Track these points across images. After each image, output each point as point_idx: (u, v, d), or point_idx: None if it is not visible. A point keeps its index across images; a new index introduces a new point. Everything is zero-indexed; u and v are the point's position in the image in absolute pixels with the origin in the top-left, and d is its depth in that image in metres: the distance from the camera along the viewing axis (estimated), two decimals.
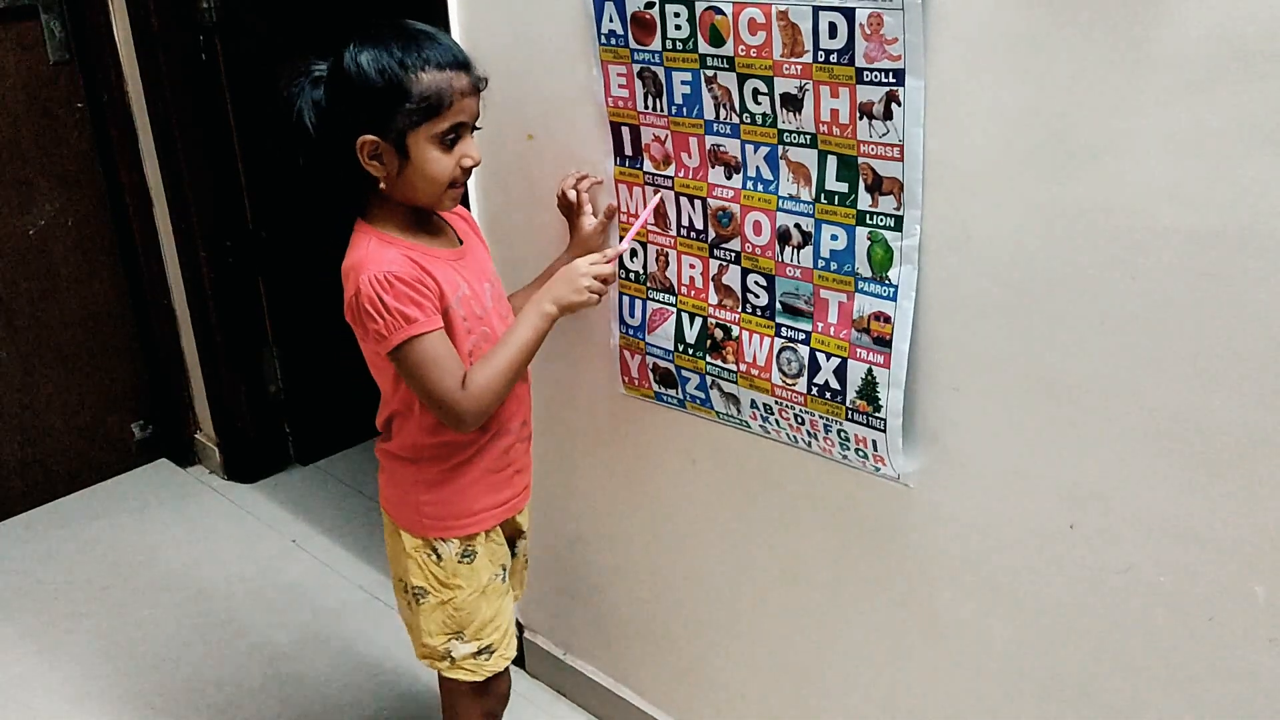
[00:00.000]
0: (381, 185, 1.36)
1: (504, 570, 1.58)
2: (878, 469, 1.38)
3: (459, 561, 1.51)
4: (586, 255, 1.48)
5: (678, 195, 1.47)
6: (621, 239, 1.53)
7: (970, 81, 1.14)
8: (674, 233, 1.50)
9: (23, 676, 2.21)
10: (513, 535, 1.63)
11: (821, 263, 1.33)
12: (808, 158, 1.30)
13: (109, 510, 2.77)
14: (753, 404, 1.48)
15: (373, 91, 1.31)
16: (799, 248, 1.35)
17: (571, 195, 1.56)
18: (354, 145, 1.33)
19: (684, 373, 1.55)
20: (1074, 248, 1.13)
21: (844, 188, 1.28)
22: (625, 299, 1.60)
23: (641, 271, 1.56)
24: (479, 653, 1.57)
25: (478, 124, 1.39)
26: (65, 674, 2.21)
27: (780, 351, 1.41)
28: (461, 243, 1.47)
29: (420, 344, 1.34)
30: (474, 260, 1.47)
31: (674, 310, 1.54)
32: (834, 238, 1.31)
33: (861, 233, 1.28)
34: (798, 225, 1.34)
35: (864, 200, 1.26)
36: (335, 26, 2.74)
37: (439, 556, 1.51)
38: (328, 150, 1.36)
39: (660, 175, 1.48)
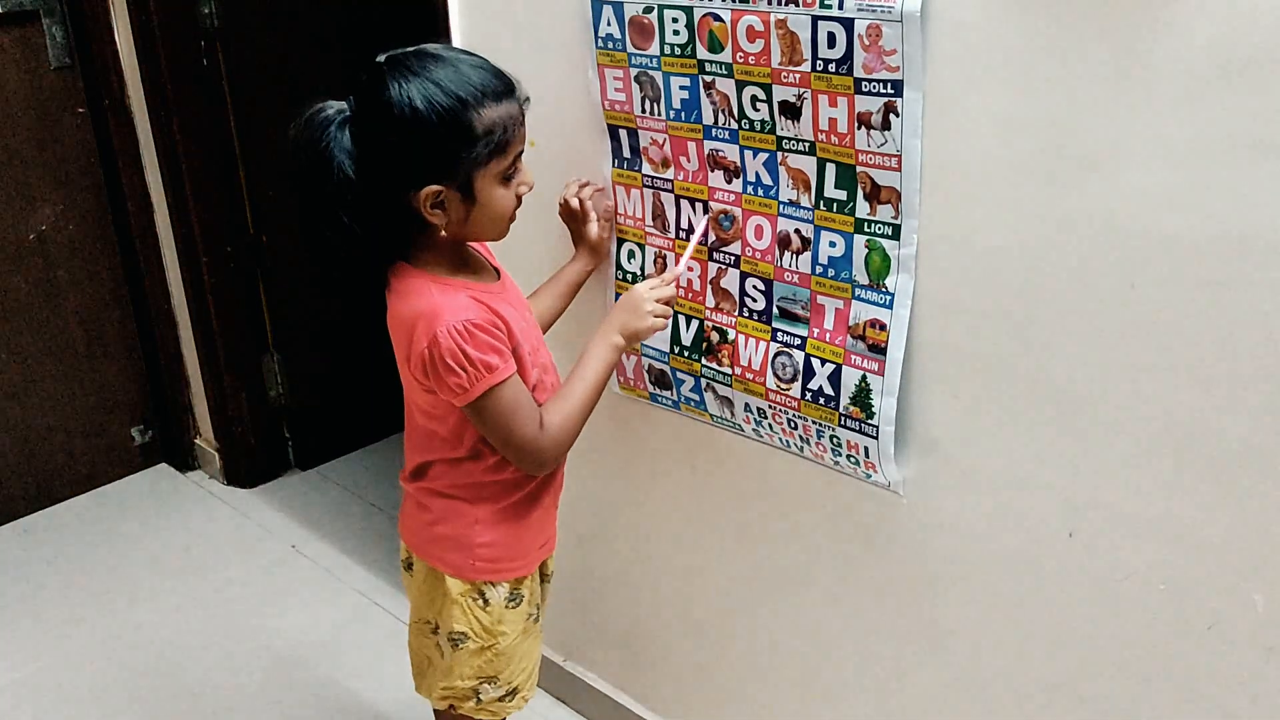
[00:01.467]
0: (443, 232, 1.27)
1: (537, 609, 1.52)
2: (869, 475, 1.38)
3: (506, 607, 1.44)
4: (645, 281, 1.42)
5: (677, 198, 1.47)
6: (677, 259, 1.48)
7: (968, 92, 1.14)
8: (672, 235, 1.50)
9: (22, 680, 2.20)
10: (543, 579, 1.56)
11: (820, 269, 1.33)
12: (807, 164, 1.30)
13: (108, 515, 2.77)
14: (746, 408, 1.47)
15: (433, 135, 1.18)
16: (798, 253, 1.35)
17: (574, 203, 1.54)
18: (409, 194, 1.21)
19: (679, 375, 1.55)
20: (1072, 256, 1.13)
21: (843, 195, 1.28)
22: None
23: (639, 273, 1.56)
24: (505, 695, 1.50)
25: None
26: (64, 678, 2.20)
27: (775, 356, 1.41)
28: (498, 272, 1.39)
29: (502, 391, 1.26)
30: (513, 289, 1.40)
31: (671, 313, 1.54)
32: (832, 244, 1.31)
33: (860, 240, 1.28)
34: (798, 231, 1.34)
35: (862, 208, 1.26)
36: (336, 32, 2.76)
37: (486, 602, 1.42)
38: (376, 203, 1.22)
39: (660, 178, 1.47)
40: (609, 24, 1.43)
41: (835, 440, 1.38)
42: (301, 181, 1.24)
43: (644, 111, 1.45)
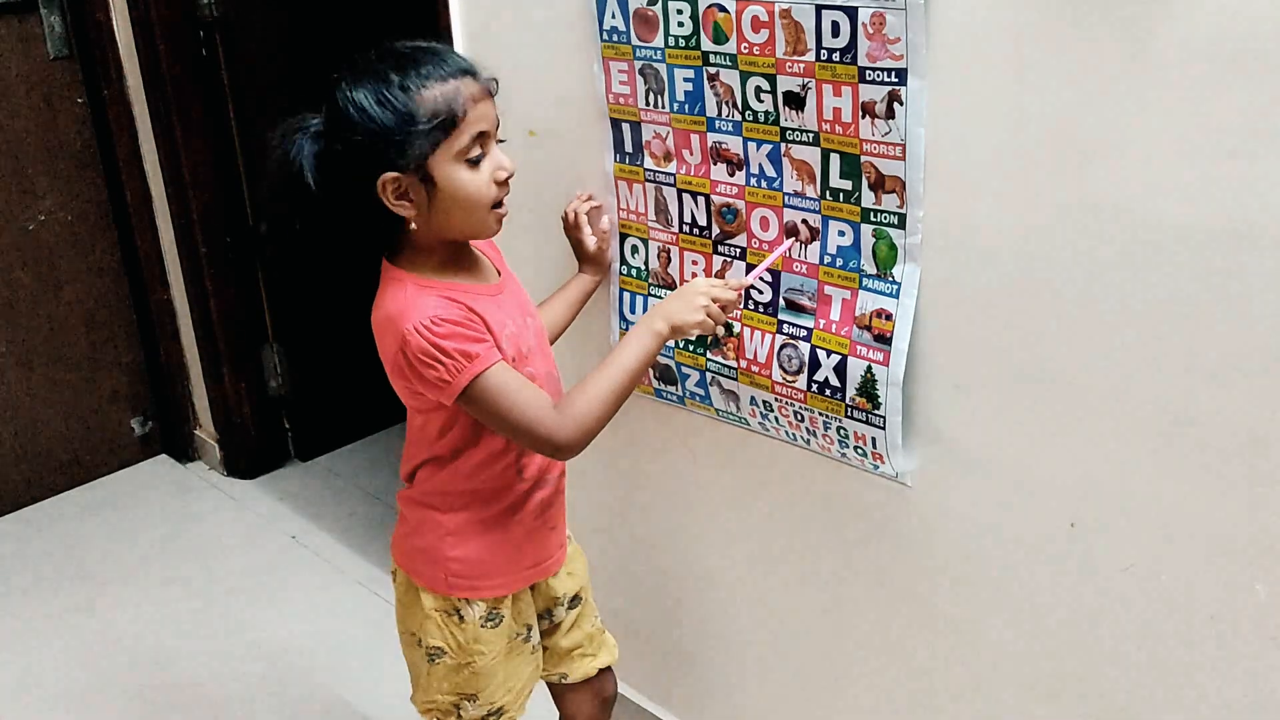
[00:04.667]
0: (413, 225, 1.24)
1: (529, 629, 1.47)
2: (876, 466, 1.38)
3: (482, 626, 1.40)
4: (709, 278, 1.37)
5: (680, 191, 1.47)
6: (749, 270, 1.43)
7: (973, 81, 1.14)
8: (676, 229, 1.50)
9: (22, 672, 2.21)
10: (548, 606, 1.51)
11: (828, 259, 1.33)
12: (811, 155, 1.30)
13: (108, 506, 2.77)
14: (752, 401, 1.48)
15: (379, 125, 1.18)
16: (806, 244, 1.35)
17: (572, 217, 1.55)
18: (374, 190, 1.20)
19: (684, 369, 1.55)
20: (1077, 246, 1.13)
21: (848, 185, 1.28)
22: (626, 295, 1.60)
23: (643, 268, 1.56)
24: (489, 715, 1.46)
25: (499, 136, 1.27)
26: (64, 668, 2.21)
27: (781, 348, 1.41)
28: (500, 275, 1.36)
29: (492, 376, 1.22)
30: (514, 294, 1.37)
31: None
32: (841, 234, 1.31)
33: (867, 229, 1.28)
34: (805, 221, 1.34)
35: (868, 198, 1.27)
36: (335, 22, 2.75)
37: (462, 618, 1.39)
38: (343, 202, 1.23)
39: (661, 172, 1.47)
40: (613, 16, 1.42)
41: (842, 431, 1.38)
42: (276, 192, 1.27)
43: (648, 104, 1.45)
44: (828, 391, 1.37)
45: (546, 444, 1.26)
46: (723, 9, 1.30)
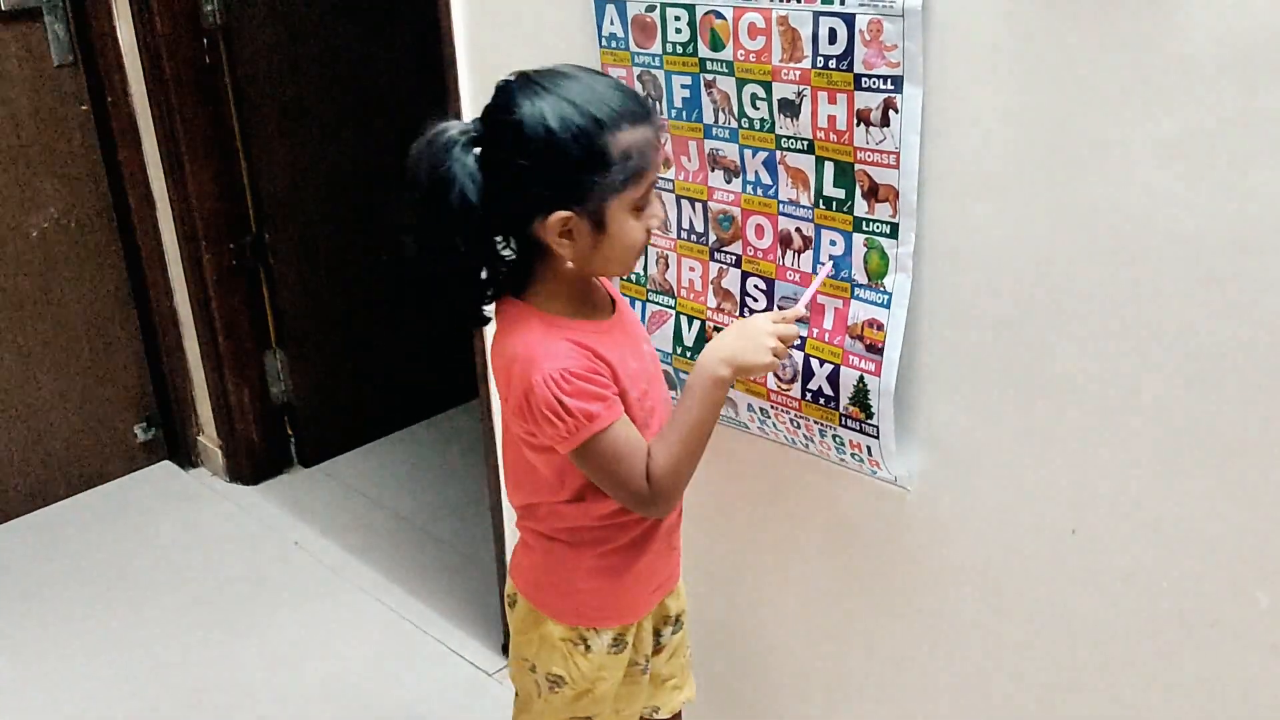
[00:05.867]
0: (570, 264, 1.17)
1: (646, 660, 1.43)
2: (874, 471, 1.38)
3: (608, 652, 1.35)
4: (769, 313, 1.31)
5: (678, 198, 1.46)
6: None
7: (969, 88, 1.14)
8: (674, 235, 1.49)
9: (24, 678, 2.21)
10: (658, 626, 1.45)
11: (820, 268, 1.33)
12: (805, 163, 1.30)
13: (111, 512, 2.77)
14: (749, 407, 1.47)
15: (566, 158, 1.09)
16: (799, 252, 1.35)
17: None
18: (537, 223, 1.13)
19: (682, 376, 1.55)
20: (1074, 253, 1.13)
21: (841, 194, 1.28)
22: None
23: (641, 274, 1.56)
24: None
25: None
26: (66, 676, 2.21)
27: None
28: (614, 302, 1.30)
29: (605, 438, 1.17)
30: (630, 321, 1.32)
31: (673, 313, 1.53)
32: (833, 243, 1.31)
33: (859, 239, 1.28)
34: (798, 230, 1.34)
35: (860, 207, 1.26)
36: (337, 29, 2.76)
37: (588, 648, 1.34)
38: (500, 230, 1.15)
39: (660, 178, 1.47)
40: (612, 23, 1.42)
41: (838, 439, 1.38)
42: (421, 207, 1.15)
43: None
44: (821, 400, 1.37)
45: (636, 507, 1.24)
46: (720, 15, 1.30)
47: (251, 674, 2.20)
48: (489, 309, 1.26)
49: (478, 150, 1.13)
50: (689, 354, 1.52)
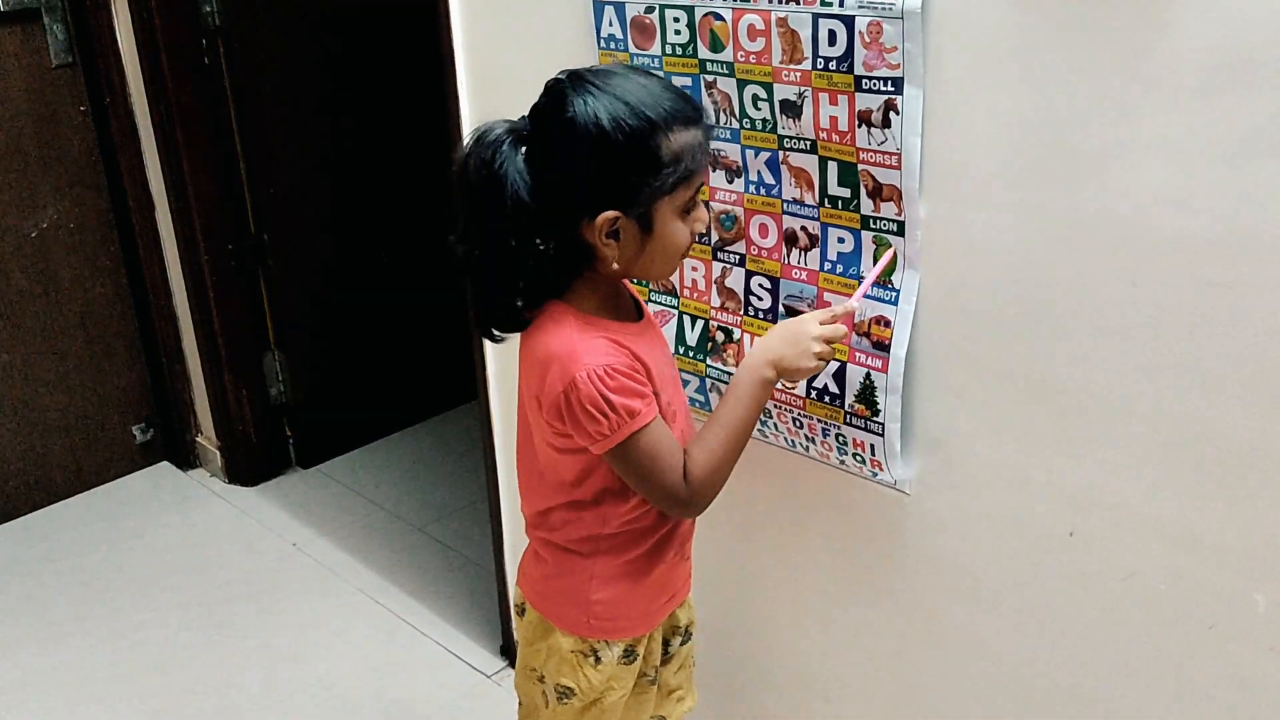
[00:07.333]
0: (615, 265, 1.14)
1: (655, 671, 1.41)
2: (875, 474, 1.38)
3: (619, 664, 1.33)
4: (815, 312, 1.27)
5: None
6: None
7: (969, 90, 1.14)
8: None
9: (24, 678, 2.21)
10: (668, 636, 1.43)
11: (828, 265, 1.33)
12: (808, 163, 1.30)
13: (110, 513, 2.77)
14: None
15: (618, 157, 1.08)
16: (806, 250, 1.35)
17: None
18: (586, 222, 1.11)
19: (684, 375, 1.55)
20: (1075, 255, 1.13)
21: (846, 193, 1.28)
22: None
23: None
24: None
25: None
26: (66, 676, 2.21)
27: None
28: (639, 305, 1.29)
29: (645, 436, 1.15)
30: (656, 325, 1.32)
31: (675, 312, 1.54)
32: (841, 240, 1.31)
33: (867, 236, 1.28)
34: (804, 228, 1.34)
35: (866, 205, 1.27)
36: (337, 29, 2.76)
37: (599, 659, 1.32)
38: (549, 229, 1.12)
39: None
40: (610, 24, 1.42)
41: (841, 439, 1.38)
42: (470, 205, 1.15)
43: None
44: (826, 398, 1.37)
45: (674, 507, 1.24)
46: (719, 17, 1.30)
47: (249, 675, 2.20)
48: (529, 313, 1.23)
49: (524, 149, 1.11)
50: (691, 354, 1.52)
